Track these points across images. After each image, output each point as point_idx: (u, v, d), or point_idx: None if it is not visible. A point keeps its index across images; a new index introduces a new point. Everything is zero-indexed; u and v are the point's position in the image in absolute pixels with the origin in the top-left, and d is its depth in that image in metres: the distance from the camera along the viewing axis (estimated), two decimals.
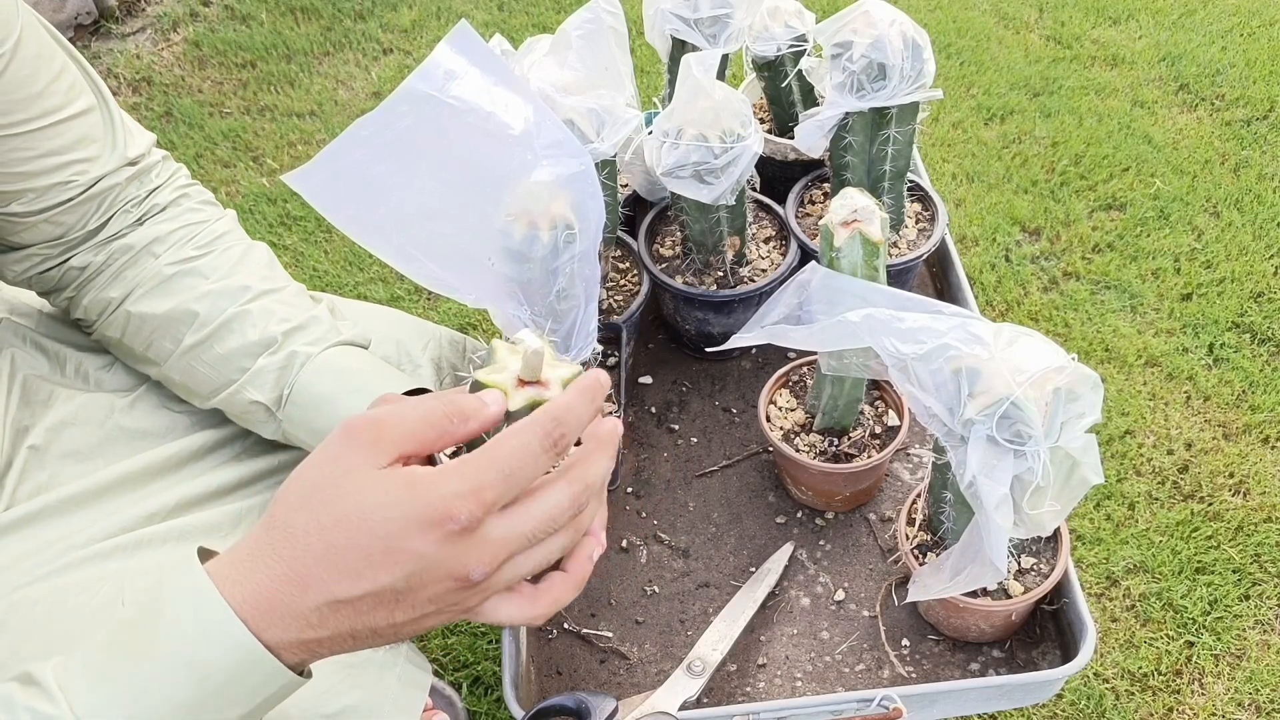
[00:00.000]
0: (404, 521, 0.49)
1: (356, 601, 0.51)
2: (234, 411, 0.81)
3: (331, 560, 0.50)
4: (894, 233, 1.04)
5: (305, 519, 0.51)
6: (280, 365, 0.79)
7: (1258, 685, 1.27)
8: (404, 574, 0.50)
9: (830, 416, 0.91)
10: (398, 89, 0.66)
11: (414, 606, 0.52)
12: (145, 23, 2.53)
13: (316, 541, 0.50)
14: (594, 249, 0.74)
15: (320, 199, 0.66)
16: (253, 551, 0.51)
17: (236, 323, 0.79)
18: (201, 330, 0.79)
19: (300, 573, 0.50)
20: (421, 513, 0.49)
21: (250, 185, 2.07)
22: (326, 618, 0.51)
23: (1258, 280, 1.73)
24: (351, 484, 0.51)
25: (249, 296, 0.80)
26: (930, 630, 0.87)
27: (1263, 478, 1.46)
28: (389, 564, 0.50)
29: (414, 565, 0.50)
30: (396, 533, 0.49)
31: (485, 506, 0.50)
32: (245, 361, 0.79)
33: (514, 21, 2.42)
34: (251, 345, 0.79)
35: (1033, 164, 1.98)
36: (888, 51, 0.89)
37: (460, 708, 1.28)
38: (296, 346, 0.79)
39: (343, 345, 0.81)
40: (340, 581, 0.50)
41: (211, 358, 0.79)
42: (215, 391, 0.80)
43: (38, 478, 0.76)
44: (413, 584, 0.50)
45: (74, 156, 0.77)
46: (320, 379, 0.78)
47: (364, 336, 0.84)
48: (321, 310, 0.83)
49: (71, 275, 0.82)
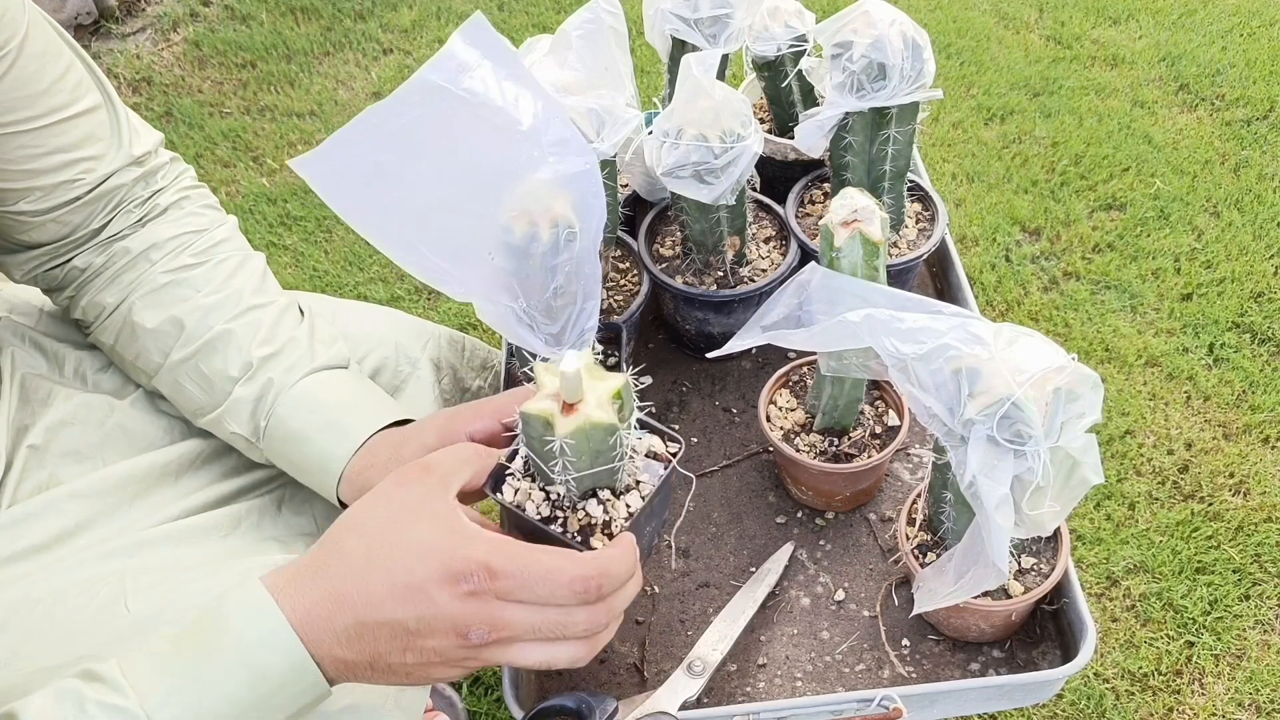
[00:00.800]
0: (431, 563, 0.55)
1: (376, 628, 0.55)
2: (221, 436, 0.81)
3: (366, 582, 0.55)
4: (894, 233, 1.04)
5: (356, 541, 0.57)
6: (255, 396, 0.78)
7: (1258, 685, 1.27)
8: (415, 615, 0.55)
9: (830, 416, 0.91)
10: (410, 79, 0.66)
11: (420, 652, 0.56)
12: (145, 23, 2.54)
13: (360, 562, 0.56)
14: (594, 248, 0.74)
15: (325, 185, 0.66)
16: (306, 568, 0.57)
17: (221, 341, 0.79)
18: (188, 346, 0.79)
19: (340, 590, 0.56)
20: (446, 563, 0.55)
21: (250, 185, 2.07)
22: (354, 640, 0.56)
23: (1258, 280, 1.73)
24: (408, 518, 0.57)
25: (236, 313, 0.80)
26: (930, 630, 0.87)
27: (1263, 478, 1.46)
28: (407, 600, 0.55)
29: (426, 609, 0.55)
30: (420, 574, 0.55)
31: (494, 589, 0.55)
32: (227, 385, 0.79)
33: (514, 21, 2.43)
34: (232, 368, 0.79)
35: (1033, 164, 1.98)
36: (888, 51, 0.89)
37: (460, 708, 1.28)
38: (272, 374, 0.78)
39: (318, 372, 0.80)
40: (367, 606, 0.55)
41: (197, 376, 0.79)
42: (202, 412, 0.80)
43: (37, 476, 0.76)
44: (420, 628, 0.55)
45: (80, 154, 0.77)
46: (294, 415, 0.77)
47: (342, 356, 0.83)
48: (301, 331, 0.82)
49: (73, 275, 0.82)
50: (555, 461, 0.62)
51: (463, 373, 0.99)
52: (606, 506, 0.66)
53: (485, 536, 0.56)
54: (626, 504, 0.67)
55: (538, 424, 0.61)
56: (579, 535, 0.65)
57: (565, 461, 0.62)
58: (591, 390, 0.62)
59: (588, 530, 0.66)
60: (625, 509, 0.67)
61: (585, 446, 0.62)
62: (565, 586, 0.56)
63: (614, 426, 0.61)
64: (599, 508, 0.66)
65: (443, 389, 0.94)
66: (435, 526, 0.56)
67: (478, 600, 0.55)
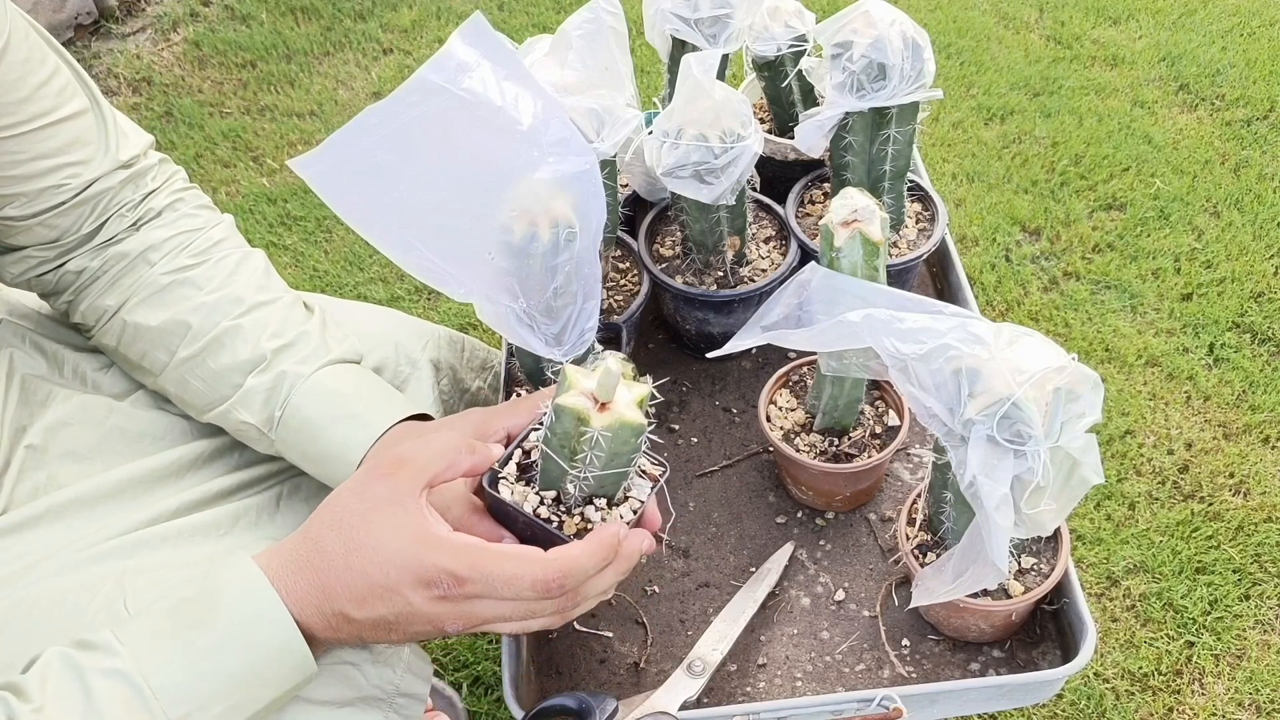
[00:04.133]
0: (403, 572, 0.59)
1: (361, 620, 0.60)
2: (228, 428, 0.81)
3: (348, 580, 0.59)
4: (894, 233, 1.04)
5: (334, 538, 0.60)
6: (269, 386, 0.78)
7: (1258, 685, 1.27)
8: (394, 612, 0.60)
9: (830, 416, 0.91)
10: (410, 79, 0.66)
11: (402, 633, 0.62)
12: (145, 23, 2.53)
13: (340, 561, 0.60)
14: (594, 248, 0.74)
15: (324, 185, 0.66)
16: (290, 558, 0.61)
17: (228, 337, 0.79)
18: (194, 343, 0.79)
19: (326, 582, 0.60)
20: (416, 572, 0.59)
21: (250, 185, 2.07)
22: (340, 626, 0.60)
23: (1258, 280, 1.73)
24: (380, 516, 0.60)
25: (242, 309, 0.80)
26: (930, 630, 0.87)
27: (1263, 478, 1.46)
28: (385, 600, 0.59)
29: (402, 608, 0.60)
30: (395, 579, 0.59)
31: (464, 594, 0.60)
32: (236, 378, 0.79)
33: (514, 21, 2.43)
34: (242, 363, 0.78)
35: (1033, 164, 1.98)
36: (888, 51, 0.89)
37: (460, 708, 1.28)
38: (286, 366, 0.78)
39: (333, 365, 0.80)
40: (350, 601, 0.60)
41: (205, 372, 0.79)
42: (209, 406, 0.80)
43: (36, 477, 0.76)
44: (400, 621, 0.60)
45: (66, 160, 0.77)
46: (311, 404, 0.78)
47: (355, 351, 0.83)
48: (313, 324, 0.82)
49: (68, 279, 0.82)
50: (583, 455, 0.64)
51: (462, 373, 0.99)
52: (604, 514, 0.68)
53: (449, 542, 0.60)
54: (620, 515, 0.68)
55: (570, 417, 0.63)
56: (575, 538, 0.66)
57: (594, 455, 0.64)
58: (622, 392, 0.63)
59: (583, 534, 0.67)
60: (619, 519, 0.68)
61: (612, 444, 0.64)
62: (528, 589, 0.60)
63: (642, 427, 0.64)
64: (596, 514, 0.68)
65: (442, 390, 0.94)
66: (404, 531, 0.60)
67: (449, 602, 0.60)
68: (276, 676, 0.59)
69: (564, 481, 0.67)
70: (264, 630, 0.58)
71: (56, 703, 0.55)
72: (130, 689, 0.55)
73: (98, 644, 0.57)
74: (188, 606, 0.59)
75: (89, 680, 0.55)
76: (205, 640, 0.57)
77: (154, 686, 0.56)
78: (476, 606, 0.60)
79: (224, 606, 0.58)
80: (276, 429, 0.78)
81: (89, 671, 0.56)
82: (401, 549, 0.59)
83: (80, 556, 0.71)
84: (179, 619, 0.58)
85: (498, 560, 0.60)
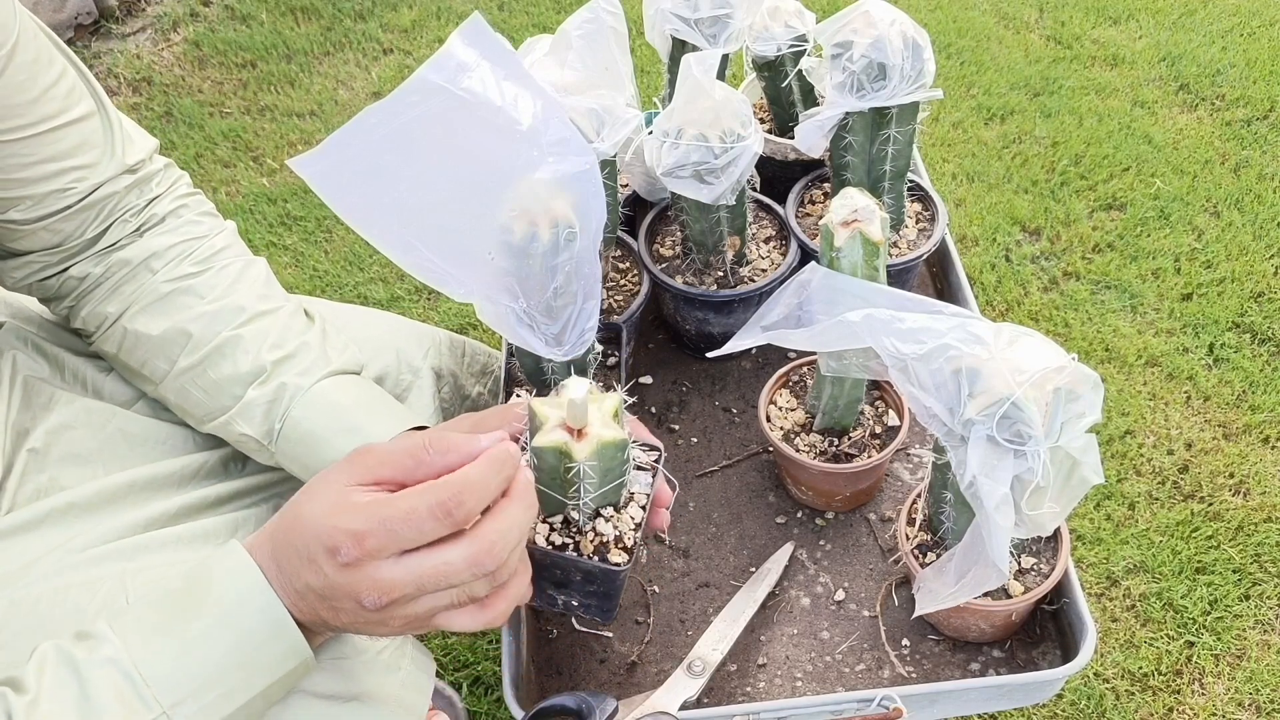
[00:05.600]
0: (315, 539, 0.57)
1: (305, 592, 0.58)
2: (228, 439, 0.81)
3: (287, 552, 0.59)
4: (894, 233, 1.04)
5: (280, 518, 0.61)
6: (269, 398, 0.78)
7: (1258, 685, 1.27)
8: (319, 584, 0.58)
9: (830, 416, 0.91)
10: (409, 79, 0.66)
11: (340, 614, 0.59)
12: (145, 23, 2.53)
13: (281, 536, 0.60)
14: (594, 248, 0.74)
15: (324, 185, 0.66)
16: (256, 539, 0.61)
17: (229, 347, 0.79)
18: (195, 353, 0.79)
19: (277, 558, 0.60)
20: (322, 539, 0.57)
21: (250, 185, 2.07)
22: (298, 600, 0.59)
23: (1258, 280, 1.73)
24: (315, 490, 0.60)
25: (243, 319, 0.80)
26: (930, 630, 0.87)
27: (1263, 478, 1.46)
28: (308, 570, 0.58)
29: (321, 580, 0.57)
30: (310, 546, 0.57)
31: (365, 551, 0.56)
32: (237, 390, 0.78)
33: (514, 21, 2.42)
34: (243, 374, 0.78)
35: (1033, 164, 1.98)
36: (888, 51, 0.89)
37: (460, 708, 1.28)
38: (286, 378, 0.78)
39: (334, 376, 0.80)
40: (291, 575, 0.59)
41: (205, 382, 0.79)
42: (209, 417, 0.80)
43: (37, 480, 0.76)
44: (326, 594, 0.58)
45: (72, 163, 0.77)
46: (311, 417, 0.77)
47: (356, 361, 0.83)
48: (313, 335, 0.82)
49: (70, 285, 0.81)
50: (574, 487, 0.64)
51: (463, 379, 0.99)
52: (614, 522, 0.69)
53: (355, 504, 0.58)
54: (630, 516, 0.69)
55: (552, 455, 0.63)
56: (595, 556, 0.67)
57: (585, 484, 0.64)
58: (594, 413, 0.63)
59: (603, 549, 0.68)
60: (631, 521, 0.69)
61: (601, 466, 0.64)
62: (427, 518, 0.56)
63: (624, 442, 0.64)
64: (607, 525, 0.68)
65: (443, 398, 0.94)
66: (320, 505, 0.58)
67: (354, 569, 0.57)
68: (270, 660, 0.59)
69: (565, 510, 0.68)
70: (252, 612, 0.58)
71: (51, 694, 0.55)
72: (123, 677, 0.56)
73: (92, 634, 0.58)
74: (179, 594, 0.59)
75: (83, 670, 0.56)
76: (196, 626, 0.58)
77: (146, 675, 0.56)
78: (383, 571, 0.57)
79: (213, 591, 0.59)
80: (276, 441, 0.78)
81: (83, 662, 0.56)
82: (314, 516, 0.58)
83: (81, 558, 0.70)
84: (170, 607, 0.59)
85: (392, 502, 0.57)
